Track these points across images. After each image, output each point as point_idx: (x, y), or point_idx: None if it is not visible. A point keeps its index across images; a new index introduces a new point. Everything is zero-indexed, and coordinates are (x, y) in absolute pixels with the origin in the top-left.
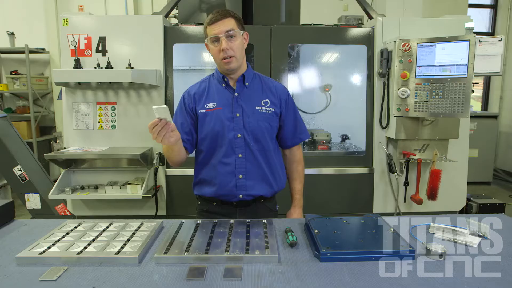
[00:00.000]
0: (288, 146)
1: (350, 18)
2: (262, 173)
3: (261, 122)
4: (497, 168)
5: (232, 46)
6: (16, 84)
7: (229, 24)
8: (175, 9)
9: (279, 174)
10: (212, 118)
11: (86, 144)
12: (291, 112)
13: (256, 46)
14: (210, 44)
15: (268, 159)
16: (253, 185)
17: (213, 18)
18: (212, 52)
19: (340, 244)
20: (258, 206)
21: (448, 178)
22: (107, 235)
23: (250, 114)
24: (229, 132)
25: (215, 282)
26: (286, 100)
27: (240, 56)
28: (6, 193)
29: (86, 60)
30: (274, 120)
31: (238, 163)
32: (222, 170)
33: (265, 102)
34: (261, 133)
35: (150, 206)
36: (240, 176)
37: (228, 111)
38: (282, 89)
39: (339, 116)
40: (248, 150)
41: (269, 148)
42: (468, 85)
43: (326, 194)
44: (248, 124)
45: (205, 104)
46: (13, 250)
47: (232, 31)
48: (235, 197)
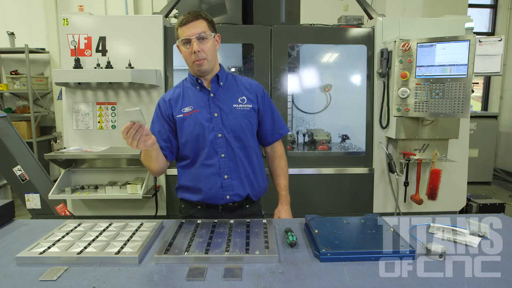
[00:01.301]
0: (269, 143)
1: (350, 18)
2: (245, 172)
3: (240, 119)
4: (497, 168)
5: (203, 48)
6: (16, 84)
7: (200, 27)
8: (175, 9)
9: (261, 173)
10: (191, 121)
11: (86, 144)
12: (268, 108)
13: (256, 46)
14: (181, 46)
15: (250, 157)
16: (238, 185)
17: (184, 19)
18: (184, 54)
19: (340, 244)
20: (244, 211)
21: (448, 178)
22: (107, 235)
23: (228, 112)
24: (209, 133)
25: (215, 282)
26: (262, 96)
27: (212, 58)
28: (6, 193)
29: (86, 60)
30: (252, 116)
31: (221, 163)
32: (206, 173)
33: (241, 100)
34: (241, 131)
35: (150, 206)
36: (225, 176)
37: (206, 112)
38: (256, 85)
39: (339, 116)
40: (230, 149)
41: (250, 145)
42: (468, 85)
43: (326, 194)
44: (227, 123)
45: (182, 109)
46: (13, 250)
47: (204, 33)
48: (222, 199)
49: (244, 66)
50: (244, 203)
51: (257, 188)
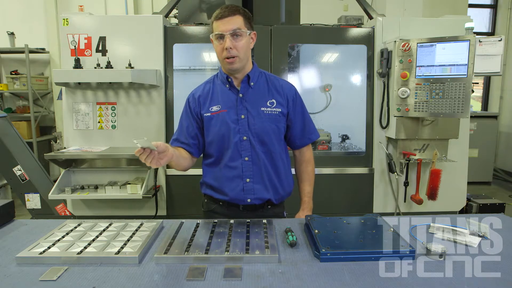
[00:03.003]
0: (298, 147)
1: (350, 18)
2: (268, 176)
3: (267, 123)
4: (497, 168)
5: (236, 45)
6: (16, 84)
7: (236, 22)
8: (175, 9)
9: (286, 179)
10: (218, 121)
11: (86, 144)
12: (299, 111)
13: (256, 46)
14: (214, 40)
15: (275, 162)
16: (261, 189)
17: (220, 13)
18: (216, 49)
19: (340, 244)
20: (265, 211)
21: (448, 178)
22: (107, 235)
23: (255, 115)
24: (234, 135)
25: (215, 282)
26: (294, 99)
27: (244, 56)
28: (6, 193)
29: (86, 60)
30: (281, 121)
31: (244, 166)
32: (228, 174)
33: (271, 103)
34: (267, 135)
35: (150, 206)
36: (247, 180)
37: (233, 113)
38: (289, 87)
39: (339, 116)
40: (254, 153)
41: (275, 150)
42: (468, 85)
43: (326, 194)
44: (254, 126)
45: (210, 107)
46: (13, 250)
47: (239, 30)
48: (243, 201)
49: None
50: (265, 204)
51: (281, 193)
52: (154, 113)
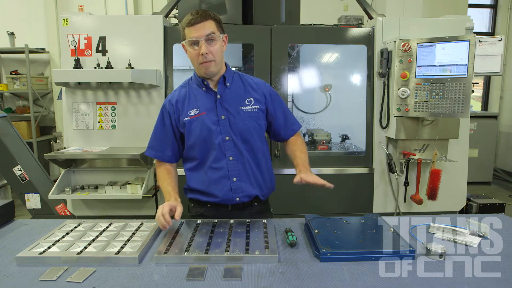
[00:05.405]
0: (284, 139)
1: (350, 18)
2: (252, 173)
3: (248, 121)
4: (497, 168)
5: (211, 50)
6: (16, 84)
7: (209, 27)
8: (175, 9)
9: (269, 174)
10: (198, 124)
11: (86, 144)
12: (277, 105)
13: (256, 46)
14: (188, 46)
15: (257, 159)
16: (247, 186)
17: (192, 19)
18: (190, 55)
19: (340, 244)
20: (253, 209)
21: (448, 178)
22: (107, 235)
23: (235, 115)
24: (216, 136)
25: (215, 282)
26: (270, 95)
27: (219, 59)
28: (6, 193)
29: (86, 60)
30: (261, 118)
31: (230, 166)
32: (215, 176)
33: (249, 101)
34: (249, 133)
35: (150, 206)
36: (234, 179)
37: (213, 114)
38: (263, 84)
39: (339, 116)
40: (238, 152)
41: (257, 147)
42: (468, 85)
43: (326, 194)
44: (235, 125)
45: (188, 111)
46: (13, 250)
47: (213, 35)
48: (232, 201)
49: (244, 66)
50: (253, 201)
51: (265, 189)
52: (154, 113)
